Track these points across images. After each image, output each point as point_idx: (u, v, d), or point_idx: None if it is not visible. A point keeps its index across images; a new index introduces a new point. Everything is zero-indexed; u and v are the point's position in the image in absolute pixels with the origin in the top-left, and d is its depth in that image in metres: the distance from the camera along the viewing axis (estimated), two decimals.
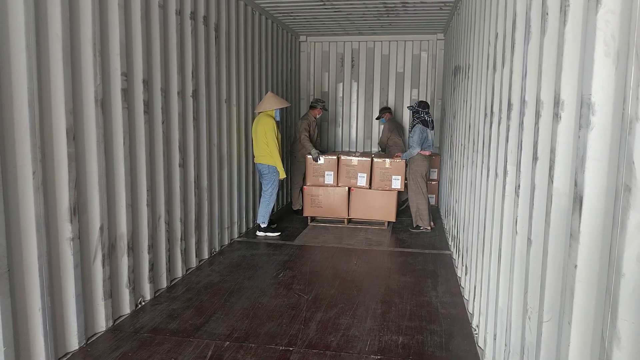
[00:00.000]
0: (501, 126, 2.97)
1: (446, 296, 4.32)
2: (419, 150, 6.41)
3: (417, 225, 6.73)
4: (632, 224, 1.30)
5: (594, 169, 1.55)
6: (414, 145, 6.40)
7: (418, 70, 9.12)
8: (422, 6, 6.69)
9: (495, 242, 2.99)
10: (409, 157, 6.51)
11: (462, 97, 5.27)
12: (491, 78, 3.38)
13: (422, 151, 6.44)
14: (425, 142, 6.42)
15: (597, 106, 1.52)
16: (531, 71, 2.30)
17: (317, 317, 3.83)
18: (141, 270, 4.07)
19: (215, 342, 3.41)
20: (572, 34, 1.77)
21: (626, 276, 1.32)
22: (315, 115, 7.43)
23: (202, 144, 5.11)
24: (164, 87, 4.29)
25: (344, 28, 8.43)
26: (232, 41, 5.85)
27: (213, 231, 5.49)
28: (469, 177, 4.44)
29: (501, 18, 3.10)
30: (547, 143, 2.03)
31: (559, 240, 1.87)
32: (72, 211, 3.17)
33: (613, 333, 1.36)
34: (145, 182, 4.01)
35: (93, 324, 3.48)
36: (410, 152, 6.47)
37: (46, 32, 2.97)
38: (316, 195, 6.95)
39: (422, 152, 6.45)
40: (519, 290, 2.41)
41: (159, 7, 4.15)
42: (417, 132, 6.38)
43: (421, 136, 6.38)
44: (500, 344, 2.78)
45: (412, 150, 6.45)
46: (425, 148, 6.45)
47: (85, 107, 3.32)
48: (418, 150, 6.41)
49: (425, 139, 6.42)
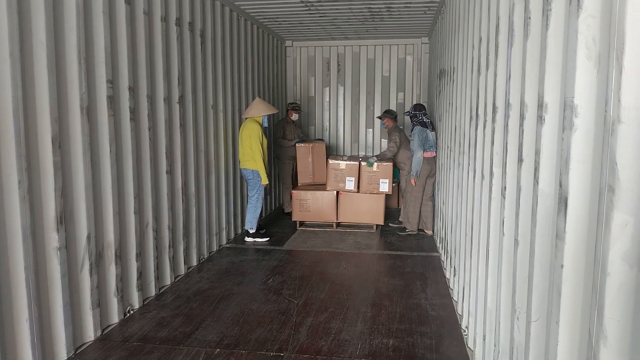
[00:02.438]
0: (486, 128, 3.00)
1: (435, 298, 4.35)
2: (422, 153, 6.21)
3: (404, 227, 6.75)
4: (616, 223, 1.32)
5: (578, 170, 1.58)
6: (415, 149, 6.24)
7: (404, 74, 9.19)
8: (407, 10, 6.74)
9: (483, 244, 3.02)
10: (419, 166, 6.26)
11: (448, 100, 5.32)
12: (476, 81, 3.42)
13: (425, 153, 6.24)
14: (427, 143, 6.24)
15: (579, 108, 1.55)
16: (515, 74, 2.33)
17: (307, 322, 3.83)
18: (129, 278, 4.04)
19: (205, 349, 3.39)
20: (554, 38, 1.81)
21: (611, 275, 1.35)
22: (291, 117, 7.81)
23: (189, 150, 5.09)
24: (150, 93, 4.27)
25: (330, 33, 8.46)
26: (218, 47, 5.85)
27: (201, 238, 5.46)
28: (456, 179, 4.47)
29: (485, 22, 3.14)
30: (532, 145, 2.06)
31: (545, 241, 1.90)
32: (58, 220, 3.13)
33: (600, 331, 1.38)
34: (133, 190, 3.99)
35: (81, 333, 3.45)
36: (416, 160, 6.25)
37: (30, 40, 2.94)
38: (305, 200, 6.96)
39: (425, 154, 6.26)
40: (507, 290, 2.43)
41: (144, 14, 4.13)
42: (417, 135, 6.23)
43: (421, 137, 6.21)
44: (489, 345, 2.80)
45: (416, 157, 6.25)
46: (427, 149, 6.26)
47: (70, 115, 3.29)
48: (421, 154, 6.21)
49: (426, 140, 6.23)
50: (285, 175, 7.96)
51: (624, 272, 1.33)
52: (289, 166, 7.89)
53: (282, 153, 7.83)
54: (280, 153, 7.87)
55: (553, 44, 1.81)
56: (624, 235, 1.31)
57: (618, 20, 1.32)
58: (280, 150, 7.86)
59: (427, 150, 6.30)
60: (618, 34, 1.32)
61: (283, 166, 7.90)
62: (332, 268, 5.23)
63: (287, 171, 7.92)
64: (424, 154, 6.29)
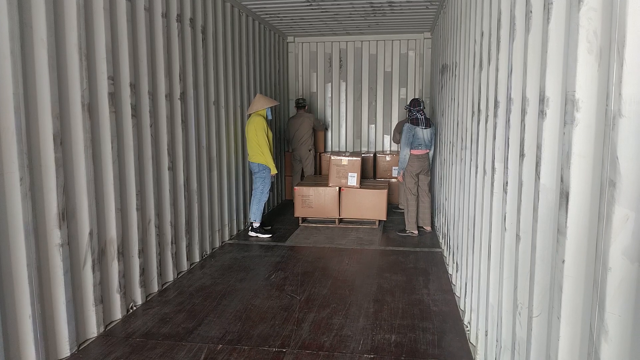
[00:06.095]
0: (488, 123, 2.99)
1: (438, 294, 4.35)
2: (408, 151, 6.25)
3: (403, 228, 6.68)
4: (617, 218, 1.32)
5: (579, 165, 1.57)
6: (402, 146, 6.27)
7: (406, 69, 9.16)
8: (409, 5, 6.72)
9: (485, 239, 3.02)
10: (404, 162, 6.30)
11: (450, 95, 5.30)
12: (478, 76, 3.41)
13: (413, 150, 6.29)
14: (415, 141, 6.27)
15: (581, 103, 1.54)
16: (516, 69, 2.32)
17: (309, 318, 3.84)
18: (132, 274, 4.05)
19: (208, 345, 3.40)
20: (555, 32, 1.79)
21: (613, 270, 1.34)
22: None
23: (191, 146, 5.09)
24: (152, 90, 4.27)
25: (331, 28, 8.44)
26: (220, 43, 5.84)
27: (204, 234, 5.47)
28: (458, 174, 4.46)
29: (486, 16, 3.12)
30: (533, 140, 2.05)
31: (547, 236, 1.89)
32: (60, 217, 3.14)
33: (601, 326, 1.38)
34: (135, 186, 3.99)
35: (84, 330, 3.46)
36: (401, 157, 6.31)
37: (31, 37, 2.94)
38: (307, 196, 6.96)
39: (414, 152, 6.29)
40: (509, 286, 2.43)
41: (144, 10, 4.13)
42: (404, 133, 6.24)
43: (408, 135, 6.22)
44: (491, 340, 2.80)
45: (401, 154, 6.30)
46: (416, 147, 6.29)
47: (72, 111, 3.30)
48: (407, 151, 6.24)
49: (415, 138, 6.25)
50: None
51: (625, 267, 1.32)
52: (299, 165, 8.36)
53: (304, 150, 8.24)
54: (301, 149, 8.24)
55: (554, 37, 1.80)
56: (625, 230, 1.31)
57: (619, 13, 1.31)
58: (301, 147, 8.22)
59: (415, 148, 6.31)
60: (619, 27, 1.31)
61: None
62: (334, 264, 5.23)
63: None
64: (412, 151, 6.30)
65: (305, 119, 8.11)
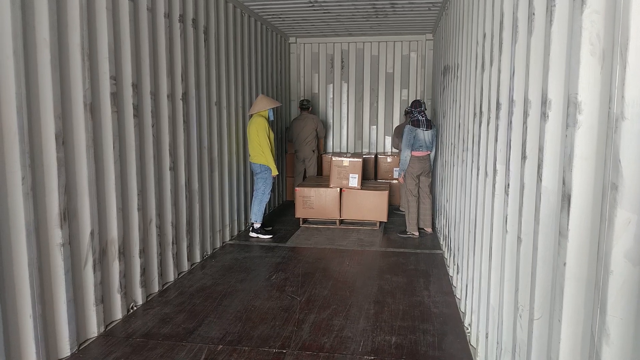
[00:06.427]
0: (490, 125, 2.99)
1: (438, 295, 4.34)
2: (409, 153, 6.26)
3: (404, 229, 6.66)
4: (619, 221, 1.32)
5: (582, 167, 1.57)
6: (403, 148, 6.28)
7: (407, 70, 9.16)
8: (411, 7, 6.72)
9: (486, 241, 3.01)
10: (405, 163, 6.32)
11: (452, 96, 5.30)
12: (480, 78, 3.41)
13: (413, 152, 6.29)
14: (416, 143, 6.27)
15: (583, 105, 1.54)
16: (519, 71, 2.32)
17: (310, 319, 3.83)
18: (133, 274, 4.05)
19: (208, 345, 3.40)
20: (558, 34, 1.79)
21: (614, 273, 1.34)
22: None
23: (192, 147, 5.09)
24: (154, 90, 4.27)
25: (334, 29, 8.45)
26: (222, 43, 5.84)
27: (205, 234, 5.47)
28: (459, 176, 4.46)
29: (489, 18, 3.12)
30: (536, 142, 2.05)
31: (549, 238, 1.89)
32: (62, 216, 3.14)
33: (602, 329, 1.37)
34: (136, 186, 3.99)
35: (85, 329, 3.46)
36: (401, 159, 6.33)
37: (34, 37, 2.95)
38: (308, 197, 6.96)
39: (415, 153, 6.30)
40: (510, 288, 2.42)
41: (147, 11, 4.13)
42: (405, 134, 6.25)
43: (409, 137, 6.23)
44: (492, 342, 2.80)
45: (402, 155, 6.31)
46: (417, 148, 6.29)
47: (74, 111, 3.30)
48: (408, 153, 6.26)
49: (415, 139, 6.26)
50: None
51: (627, 270, 1.32)
52: (302, 166, 8.39)
53: (308, 150, 8.25)
54: (305, 150, 8.26)
55: (557, 40, 1.80)
56: (627, 232, 1.31)
57: (622, 16, 1.31)
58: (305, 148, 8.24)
59: (416, 150, 6.31)
60: (622, 29, 1.31)
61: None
62: (335, 265, 5.23)
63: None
64: (413, 153, 6.31)
65: (309, 120, 8.13)
